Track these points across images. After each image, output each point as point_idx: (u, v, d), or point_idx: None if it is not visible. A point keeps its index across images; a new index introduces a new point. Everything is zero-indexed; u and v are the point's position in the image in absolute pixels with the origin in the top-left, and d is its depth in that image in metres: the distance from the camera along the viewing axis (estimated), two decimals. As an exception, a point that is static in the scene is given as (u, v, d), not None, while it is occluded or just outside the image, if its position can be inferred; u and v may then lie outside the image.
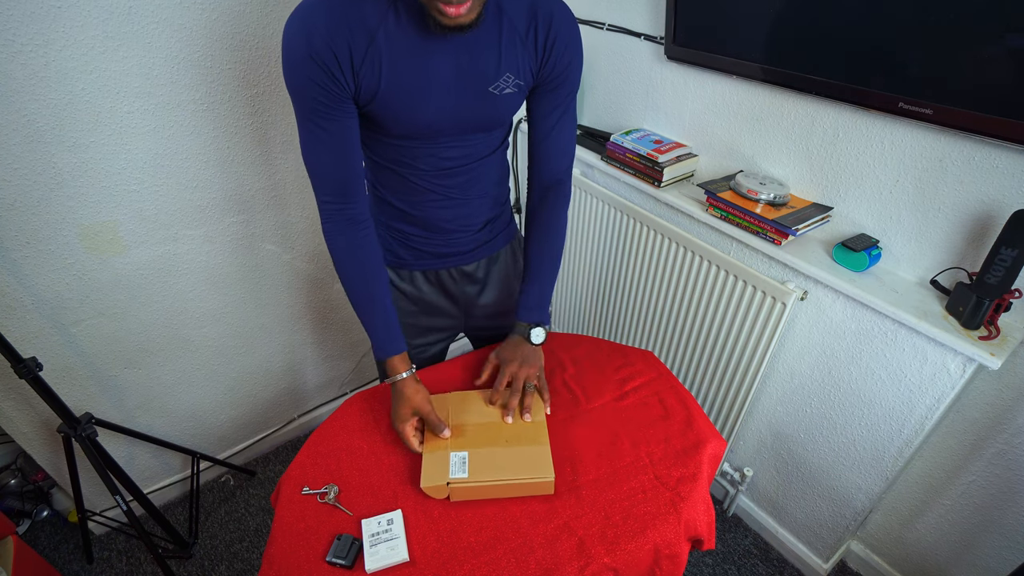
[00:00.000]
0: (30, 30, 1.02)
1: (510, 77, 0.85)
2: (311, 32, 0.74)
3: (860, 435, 1.25)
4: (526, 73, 0.87)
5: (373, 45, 0.77)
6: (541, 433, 0.93)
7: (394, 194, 0.98)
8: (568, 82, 0.92)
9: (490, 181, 1.02)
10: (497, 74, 0.84)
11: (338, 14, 0.75)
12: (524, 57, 0.85)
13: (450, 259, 1.07)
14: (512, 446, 0.91)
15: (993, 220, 0.97)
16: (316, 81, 0.77)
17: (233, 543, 1.63)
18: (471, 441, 0.92)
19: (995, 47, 0.84)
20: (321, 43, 0.74)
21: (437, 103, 0.83)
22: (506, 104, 0.88)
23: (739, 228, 1.26)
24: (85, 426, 1.29)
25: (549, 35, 0.84)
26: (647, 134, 1.49)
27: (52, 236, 1.21)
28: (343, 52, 0.75)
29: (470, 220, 1.04)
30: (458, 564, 0.79)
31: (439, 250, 1.05)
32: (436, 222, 1.01)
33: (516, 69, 0.85)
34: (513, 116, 0.96)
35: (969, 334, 0.99)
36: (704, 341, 1.47)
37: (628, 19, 1.46)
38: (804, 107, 1.17)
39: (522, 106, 0.96)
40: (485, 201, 1.03)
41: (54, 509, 1.71)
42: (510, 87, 0.86)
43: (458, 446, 0.91)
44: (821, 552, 1.48)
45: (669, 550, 0.83)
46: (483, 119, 0.90)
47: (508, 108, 0.90)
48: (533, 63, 0.87)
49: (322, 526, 0.84)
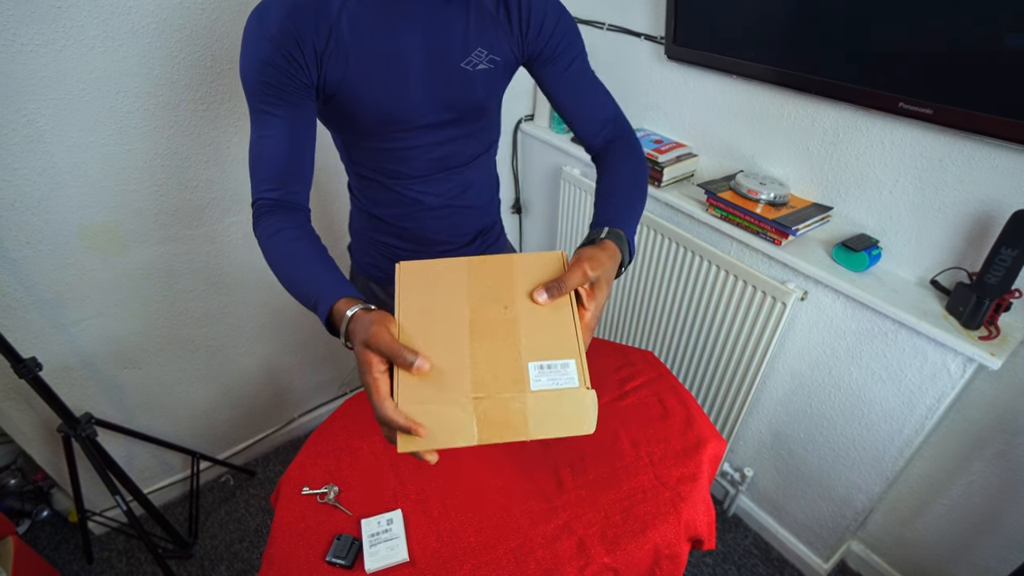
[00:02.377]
0: (30, 30, 1.02)
1: (483, 52, 0.83)
2: (278, 20, 0.73)
3: (860, 435, 1.25)
4: (503, 49, 0.84)
5: (337, 30, 0.75)
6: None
7: (379, 205, 0.96)
8: (566, 43, 0.87)
9: (478, 188, 0.99)
10: (467, 49, 0.81)
11: (302, 3, 0.73)
12: (498, 33, 0.83)
13: None
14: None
15: (993, 220, 0.97)
16: (273, 65, 0.74)
17: (233, 543, 1.63)
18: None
19: (995, 47, 0.84)
20: (287, 30, 0.73)
21: (408, 84, 0.81)
22: (481, 81, 0.85)
23: (739, 228, 1.26)
24: (85, 426, 1.29)
25: (521, 10, 0.83)
26: (647, 134, 1.49)
27: (52, 236, 1.21)
28: (306, 42, 0.74)
29: (459, 232, 1.01)
30: (458, 564, 0.79)
31: None
32: (424, 234, 0.98)
33: (489, 44, 0.83)
34: (493, 102, 0.91)
35: (969, 334, 0.99)
36: (704, 341, 1.47)
37: (628, 19, 1.46)
38: (804, 107, 1.17)
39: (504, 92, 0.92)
40: (475, 211, 1.00)
41: (54, 509, 1.71)
42: (483, 63, 0.83)
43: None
44: (821, 552, 1.48)
45: (669, 550, 0.83)
46: (459, 98, 0.85)
47: (485, 86, 0.86)
48: (511, 38, 0.84)
49: (322, 526, 0.84)
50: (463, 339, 0.58)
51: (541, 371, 0.56)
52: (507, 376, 0.56)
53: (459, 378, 0.56)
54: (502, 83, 0.90)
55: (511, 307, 0.61)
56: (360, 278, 1.07)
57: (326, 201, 1.57)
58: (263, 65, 0.75)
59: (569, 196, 1.72)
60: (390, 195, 0.93)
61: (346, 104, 0.81)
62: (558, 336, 0.58)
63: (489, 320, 0.60)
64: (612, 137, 0.93)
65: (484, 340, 0.58)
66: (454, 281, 0.63)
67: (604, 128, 0.93)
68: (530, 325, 0.59)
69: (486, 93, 0.88)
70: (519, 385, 0.55)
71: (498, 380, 0.56)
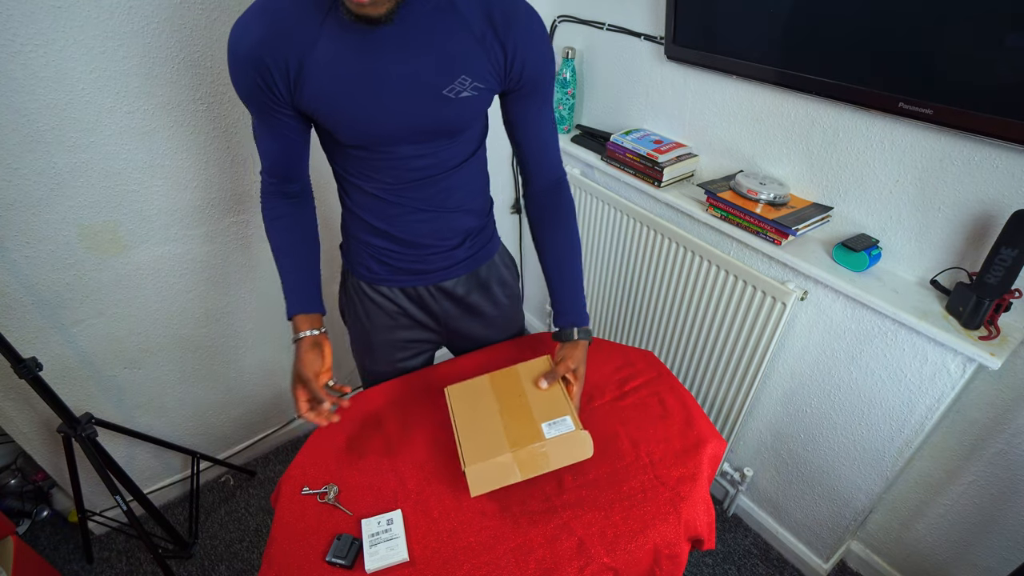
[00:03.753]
0: (30, 30, 1.02)
1: (467, 80, 0.80)
2: (249, 41, 0.73)
3: (860, 435, 1.25)
4: (487, 76, 0.82)
5: (314, 54, 0.74)
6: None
7: (363, 208, 0.95)
8: (544, 82, 0.88)
9: (467, 192, 0.97)
10: (451, 77, 0.79)
11: (274, 24, 0.72)
12: (483, 60, 0.80)
13: (427, 276, 1.02)
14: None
15: (993, 220, 0.97)
16: (253, 86, 0.76)
17: (233, 543, 1.63)
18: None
19: (995, 47, 0.84)
20: (257, 53, 0.73)
21: (388, 109, 0.79)
22: (465, 108, 0.83)
23: (739, 228, 1.26)
24: (85, 426, 1.29)
25: (509, 39, 0.79)
26: (647, 134, 1.49)
27: (52, 236, 1.21)
28: (279, 64, 0.74)
29: (446, 235, 0.99)
30: (458, 564, 0.79)
31: (414, 266, 1.00)
32: (408, 236, 0.96)
33: (474, 72, 0.80)
34: (478, 121, 0.92)
35: (969, 334, 0.99)
36: (704, 341, 1.47)
37: (628, 19, 1.46)
38: (804, 107, 1.17)
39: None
40: (463, 215, 0.98)
41: (54, 509, 1.71)
42: (467, 90, 0.81)
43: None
44: (821, 552, 1.48)
45: (669, 550, 0.83)
46: (440, 125, 0.84)
47: (468, 113, 0.85)
48: (495, 67, 0.81)
49: (322, 526, 0.84)
50: (497, 419, 0.90)
51: (550, 427, 0.86)
52: (530, 434, 0.85)
53: (500, 442, 0.85)
54: (486, 106, 0.88)
55: (523, 395, 0.93)
56: (351, 278, 1.06)
57: (326, 194, 1.56)
58: (239, 83, 0.77)
59: (569, 196, 1.72)
60: (373, 200, 0.92)
61: (323, 124, 0.81)
62: (554, 404, 0.90)
63: (511, 405, 0.92)
64: (557, 184, 1.00)
65: (510, 417, 0.90)
66: (483, 388, 0.96)
67: (554, 171, 0.99)
68: (536, 402, 0.91)
69: (469, 117, 0.87)
70: (539, 437, 0.85)
71: (525, 437, 0.85)
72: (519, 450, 0.83)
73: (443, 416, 1.01)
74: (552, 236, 1.02)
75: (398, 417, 1.03)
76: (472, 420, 0.90)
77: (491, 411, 0.91)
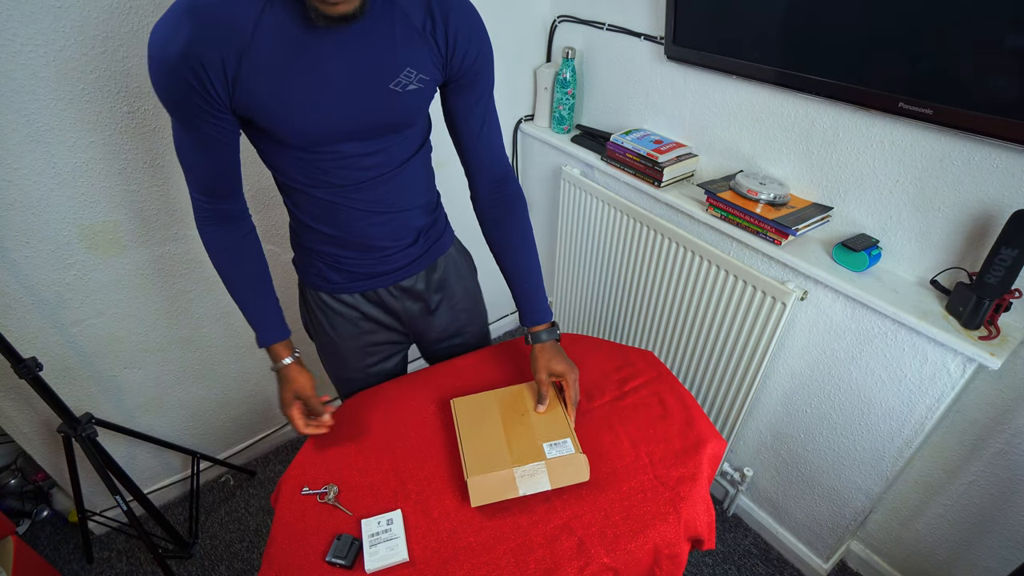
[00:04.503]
0: (30, 30, 1.02)
1: (412, 72, 0.79)
2: (180, 42, 0.67)
3: (860, 435, 1.25)
4: (430, 68, 0.81)
5: (250, 52, 0.70)
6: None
7: (313, 217, 0.91)
8: (484, 73, 0.88)
9: (415, 189, 0.95)
10: (396, 70, 0.78)
11: (207, 21, 0.67)
12: (424, 51, 0.79)
13: (386, 277, 1.01)
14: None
15: (993, 220, 0.97)
16: (187, 90, 0.70)
17: (233, 543, 1.63)
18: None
19: (995, 47, 0.84)
20: (191, 53, 0.67)
21: (333, 105, 0.77)
22: (411, 101, 0.82)
23: (739, 228, 1.26)
24: (85, 426, 1.29)
25: (449, 28, 0.79)
26: (647, 134, 1.49)
27: (52, 236, 1.21)
28: (214, 64, 0.69)
29: (401, 235, 0.97)
30: (458, 564, 0.79)
31: (372, 269, 0.99)
32: (363, 240, 0.94)
33: (418, 63, 0.79)
34: (424, 114, 0.90)
35: (969, 334, 0.99)
36: (704, 341, 1.47)
37: (628, 19, 1.46)
38: (804, 107, 1.17)
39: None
40: (413, 212, 0.97)
41: (54, 509, 1.71)
42: (413, 83, 0.80)
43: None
44: (821, 552, 1.48)
45: (669, 550, 0.83)
46: (388, 120, 0.83)
47: (414, 106, 0.84)
48: (437, 57, 0.81)
49: (322, 526, 0.84)
50: (501, 435, 0.93)
51: (551, 447, 0.90)
52: (531, 453, 0.89)
53: (503, 456, 0.89)
54: (430, 98, 0.87)
55: (526, 414, 0.96)
56: (308, 292, 1.04)
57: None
58: (168, 88, 0.71)
59: (569, 196, 1.72)
60: (320, 204, 0.89)
61: (265, 124, 0.77)
62: (556, 425, 0.94)
63: (514, 423, 0.95)
64: (503, 179, 1.00)
65: (513, 434, 0.93)
66: (489, 404, 0.99)
67: (500, 167, 0.99)
68: (539, 422, 0.95)
69: (415, 111, 0.86)
70: (540, 457, 0.88)
71: (526, 455, 0.89)
72: (520, 467, 0.87)
73: (444, 418, 1.02)
74: (506, 235, 1.02)
75: (398, 417, 1.03)
76: (476, 433, 0.93)
77: (495, 426, 0.94)
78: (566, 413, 0.96)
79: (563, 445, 0.90)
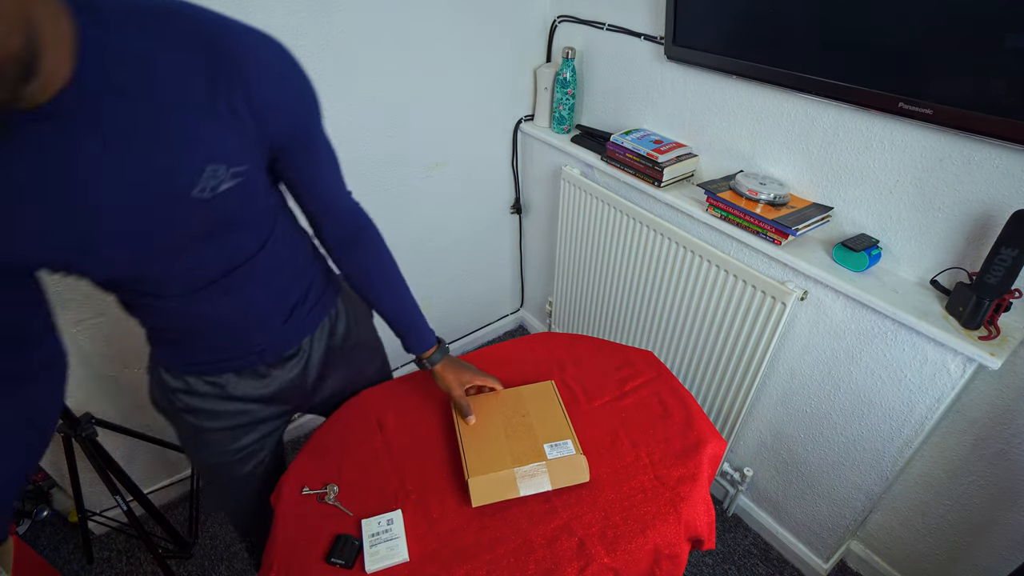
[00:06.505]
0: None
1: (219, 168, 0.59)
2: None
3: (860, 435, 1.25)
4: (244, 152, 0.61)
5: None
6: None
7: (159, 324, 0.78)
8: (309, 122, 0.70)
9: (274, 271, 0.78)
10: (197, 172, 0.58)
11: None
12: (227, 133, 0.58)
13: (262, 355, 0.85)
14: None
15: (993, 220, 0.97)
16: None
17: (233, 543, 1.63)
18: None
19: (995, 47, 0.84)
20: None
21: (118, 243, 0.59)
22: (229, 203, 0.63)
23: (739, 228, 1.26)
24: (85, 426, 1.29)
25: (248, 91, 0.58)
26: (647, 134, 1.49)
27: (52, 236, 1.21)
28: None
29: (269, 319, 0.82)
30: (458, 564, 0.79)
31: (243, 351, 0.83)
32: (226, 336, 0.80)
33: (224, 155, 0.59)
34: (258, 205, 0.71)
35: (969, 334, 0.99)
36: (704, 341, 1.47)
37: (628, 19, 1.46)
38: (804, 107, 1.17)
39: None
40: (279, 293, 0.81)
41: (54, 509, 1.71)
42: (226, 181, 0.60)
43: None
44: (821, 552, 1.48)
45: (669, 550, 0.83)
46: (210, 232, 0.65)
47: (235, 206, 0.64)
48: (249, 133, 0.60)
49: (322, 526, 0.84)
50: (501, 436, 0.93)
51: (552, 448, 0.90)
52: (532, 454, 0.89)
53: (503, 457, 0.89)
54: (260, 186, 0.68)
55: (526, 416, 0.96)
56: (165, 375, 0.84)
57: None
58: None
59: (569, 196, 1.72)
60: (161, 313, 0.74)
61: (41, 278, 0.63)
62: (556, 427, 0.94)
63: (515, 424, 0.95)
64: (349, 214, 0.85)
65: (514, 435, 0.93)
66: (489, 405, 0.99)
67: (347, 215, 0.85)
68: (539, 423, 0.95)
69: (244, 211, 0.67)
70: (541, 457, 0.89)
71: (527, 456, 0.89)
72: (521, 467, 0.87)
73: (444, 418, 1.02)
74: (367, 271, 0.90)
75: (398, 417, 1.02)
76: (477, 434, 0.94)
77: (496, 428, 0.94)
78: (566, 414, 0.97)
79: (563, 446, 0.90)
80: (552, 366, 1.12)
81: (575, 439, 0.91)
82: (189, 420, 0.87)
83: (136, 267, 0.64)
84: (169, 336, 0.80)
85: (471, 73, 1.65)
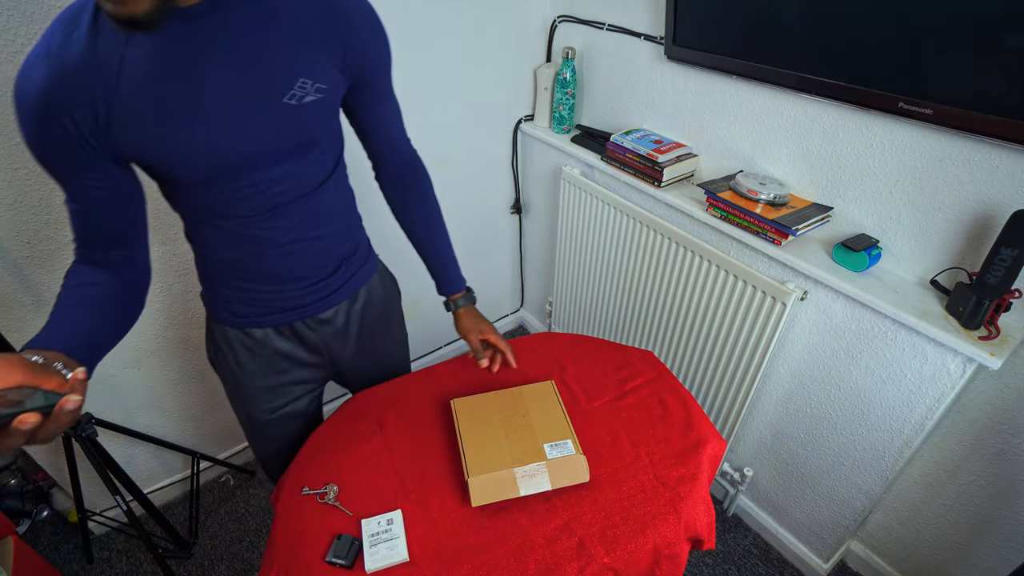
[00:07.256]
0: (30, 30, 1.02)
1: (307, 82, 0.71)
2: (32, 96, 0.61)
3: (860, 435, 1.25)
4: (328, 75, 0.73)
5: (118, 90, 0.62)
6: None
7: (219, 250, 0.83)
8: (384, 68, 0.83)
9: (333, 214, 0.87)
10: (289, 81, 0.70)
11: (66, 61, 0.60)
12: (319, 57, 0.72)
13: (303, 310, 0.92)
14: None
15: (993, 220, 0.97)
16: (47, 147, 0.64)
17: (233, 543, 1.63)
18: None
19: (995, 47, 0.84)
20: (46, 110, 0.61)
21: (226, 131, 0.69)
22: (312, 115, 0.74)
23: (739, 228, 1.26)
24: (85, 426, 1.29)
25: (343, 29, 0.73)
26: (647, 134, 1.49)
27: (52, 236, 1.21)
28: (81, 115, 0.62)
29: (318, 265, 0.89)
30: (458, 564, 0.79)
31: (287, 303, 0.90)
32: (277, 274, 0.86)
33: (312, 72, 0.71)
34: (330, 129, 0.81)
35: (969, 334, 0.99)
36: (704, 341, 1.47)
37: (628, 19, 1.46)
38: (804, 107, 1.17)
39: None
40: (332, 239, 0.89)
41: (54, 509, 1.71)
42: (311, 94, 0.72)
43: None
44: (821, 552, 1.48)
45: (669, 550, 0.83)
46: (290, 138, 0.74)
47: (316, 119, 0.76)
48: (334, 62, 0.74)
49: (322, 526, 0.84)
50: (501, 436, 0.93)
51: (552, 448, 0.90)
52: (532, 453, 0.89)
53: (503, 457, 0.89)
54: (335, 109, 0.80)
55: (526, 415, 0.96)
56: (215, 325, 0.94)
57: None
58: (35, 146, 0.64)
59: (569, 196, 1.72)
60: (227, 236, 0.81)
61: (151, 164, 0.71)
62: (556, 426, 0.94)
63: (515, 424, 0.95)
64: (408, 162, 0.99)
65: (514, 435, 0.93)
66: (489, 405, 0.99)
67: (406, 155, 0.98)
68: (539, 422, 0.94)
69: (320, 127, 0.78)
70: (541, 457, 0.89)
71: (527, 456, 0.89)
72: (521, 467, 0.87)
73: (444, 418, 1.02)
74: (415, 211, 1.03)
75: (398, 417, 1.03)
76: (477, 434, 0.94)
77: (496, 427, 0.94)
78: (566, 413, 0.97)
79: (563, 446, 0.90)
80: (552, 366, 1.12)
81: (575, 439, 0.91)
82: (236, 373, 0.97)
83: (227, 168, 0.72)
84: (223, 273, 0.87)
85: (471, 73, 1.65)
